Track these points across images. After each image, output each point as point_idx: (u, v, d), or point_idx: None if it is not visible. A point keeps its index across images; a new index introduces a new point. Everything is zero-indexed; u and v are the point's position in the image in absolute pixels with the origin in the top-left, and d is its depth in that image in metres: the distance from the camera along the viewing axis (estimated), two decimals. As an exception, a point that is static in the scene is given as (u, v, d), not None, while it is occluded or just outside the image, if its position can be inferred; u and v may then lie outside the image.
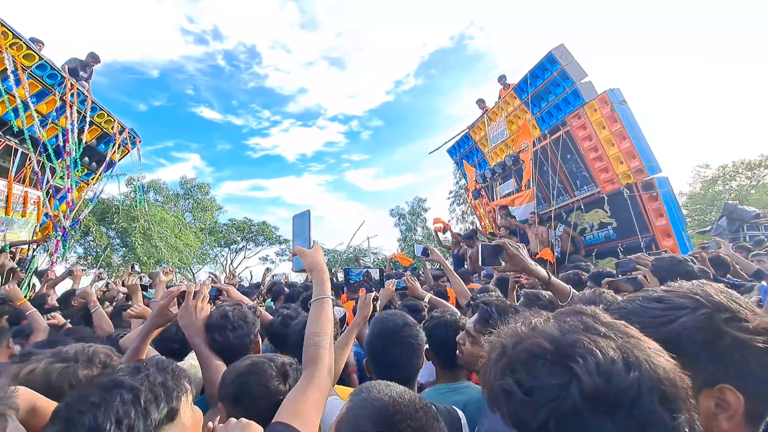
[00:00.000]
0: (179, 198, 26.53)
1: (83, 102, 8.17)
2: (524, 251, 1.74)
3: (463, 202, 28.23)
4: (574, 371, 0.51)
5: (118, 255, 18.21)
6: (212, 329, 1.72)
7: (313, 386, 1.16)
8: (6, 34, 6.32)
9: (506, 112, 9.27)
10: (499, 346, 0.62)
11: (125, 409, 0.76)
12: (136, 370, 0.85)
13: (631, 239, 6.96)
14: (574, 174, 8.11)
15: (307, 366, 1.23)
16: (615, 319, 0.67)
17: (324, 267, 1.45)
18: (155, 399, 0.80)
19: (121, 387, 0.79)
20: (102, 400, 0.76)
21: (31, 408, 1.01)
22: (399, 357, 1.59)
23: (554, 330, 0.58)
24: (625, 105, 6.98)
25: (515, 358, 0.57)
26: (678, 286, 0.85)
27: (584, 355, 0.52)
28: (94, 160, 9.35)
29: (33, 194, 7.92)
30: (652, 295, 0.85)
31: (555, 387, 0.52)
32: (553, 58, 7.62)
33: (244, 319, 1.77)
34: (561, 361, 0.53)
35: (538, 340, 0.57)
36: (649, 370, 0.51)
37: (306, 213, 1.55)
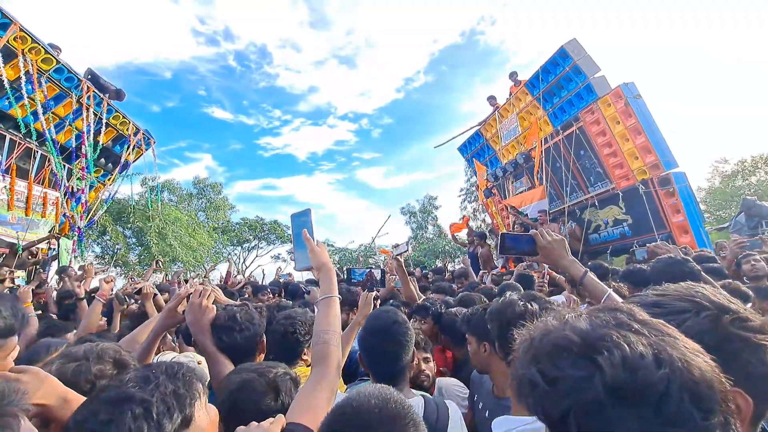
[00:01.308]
0: (192, 197, 26.92)
1: (99, 104, 8.33)
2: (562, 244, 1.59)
3: (475, 200, 28.02)
4: (598, 363, 0.51)
5: (134, 254, 18.58)
6: (219, 330, 1.73)
7: (323, 384, 1.17)
8: (25, 39, 6.47)
9: (518, 108, 9.17)
10: (528, 338, 0.62)
11: (138, 425, 0.74)
12: (145, 380, 0.83)
13: (647, 236, 6.83)
14: (587, 170, 7.99)
15: (316, 364, 1.23)
16: None
17: (331, 266, 1.45)
18: (168, 410, 0.79)
19: (131, 401, 0.77)
20: (112, 416, 0.74)
21: (63, 399, 1.05)
22: (390, 352, 1.65)
23: (584, 324, 0.57)
24: (639, 99, 6.85)
25: (541, 350, 0.57)
26: (672, 289, 0.83)
27: (611, 348, 0.52)
28: (110, 162, 9.54)
29: (52, 195, 8.11)
30: (648, 300, 0.83)
31: (578, 378, 0.51)
32: (565, 53, 7.51)
33: (251, 321, 1.78)
34: (586, 354, 0.53)
35: (566, 333, 0.57)
36: (681, 369, 0.50)
37: (306, 212, 1.53)
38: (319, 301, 1.39)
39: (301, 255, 1.48)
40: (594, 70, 7.37)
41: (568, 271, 1.60)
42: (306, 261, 1.45)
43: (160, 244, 17.39)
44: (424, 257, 24.58)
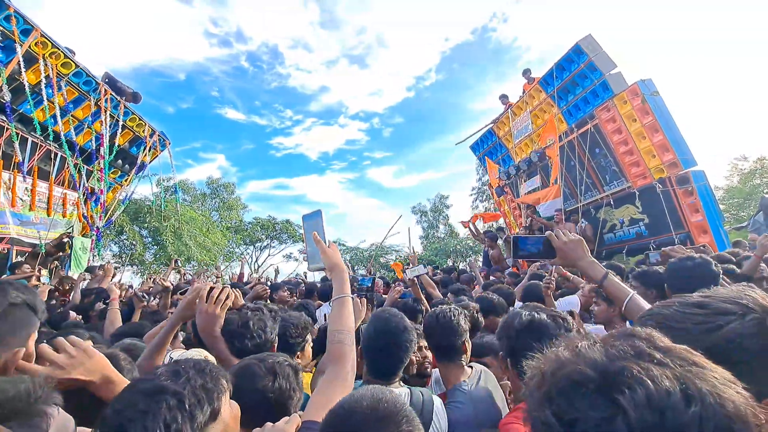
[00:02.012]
0: (206, 197, 27.31)
1: (116, 107, 8.50)
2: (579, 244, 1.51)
3: (486, 199, 27.84)
4: (620, 404, 0.45)
5: (149, 253, 18.94)
6: (232, 336, 1.74)
7: (339, 382, 1.19)
8: (45, 44, 6.63)
9: (531, 106, 9.07)
10: (539, 372, 0.57)
11: (172, 415, 0.78)
12: (176, 374, 0.87)
13: (664, 236, 6.70)
14: (602, 169, 7.87)
15: (331, 363, 1.26)
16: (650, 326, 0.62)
17: (343, 266, 1.46)
18: (198, 402, 0.82)
19: (166, 392, 0.81)
20: (149, 407, 0.78)
21: (107, 379, 1.12)
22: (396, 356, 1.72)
23: (600, 355, 0.52)
24: (657, 96, 6.71)
25: (554, 386, 0.52)
26: (720, 291, 0.80)
27: (632, 385, 0.46)
28: (127, 163, 9.73)
29: (71, 196, 8.30)
30: (690, 301, 0.80)
31: (598, 421, 0.46)
32: (580, 50, 7.40)
33: (263, 329, 1.79)
34: (605, 392, 0.47)
35: (581, 367, 0.51)
36: (713, 405, 0.44)
37: (317, 213, 1.54)
38: (333, 301, 1.41)
39: (314, 255, 1.49)
40: (610, 67, 7.25)
41: (587, 272, 1.50)
42: (318, 261, 1.46)
43: (175, 243, 17.70)
44: (435, 256, 24.51)
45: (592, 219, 8.11)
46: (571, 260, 1.51)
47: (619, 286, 1.43)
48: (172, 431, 0.77)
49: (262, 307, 1.97)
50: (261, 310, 1.90)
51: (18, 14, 6.02)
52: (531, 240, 1.64)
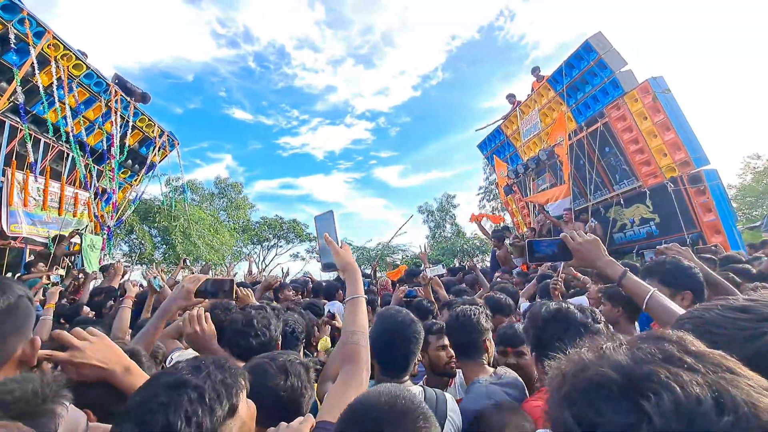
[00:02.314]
0: (214, 197, 27.51)
1: (126, 107, 8.60)
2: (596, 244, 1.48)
3: (494, 198, 27.69)
4: (645, 410, 0.43)
5: (159, 252, 19.14)
6: (236, 335, 1.77)
7: (354, 383, 1.19)
8: (57, 46, 6.73)
9: (540, 104, 9.00)
10: (560, 373, 0.55)
11: (193, 408, 0.79)
12: (197, 369, 0.88)
13: (675, 235, 6.60)
14: (612, 167, 7.79)
15: (346, 363, 1.26)
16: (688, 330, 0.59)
17: (356, 266, 1.47)
18: (218, 396, 0.84)
19: (187, 386, 0.82)
20: (171, 399, 0.79)
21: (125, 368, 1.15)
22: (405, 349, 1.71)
23: (625, 358, 0.50)
24: (668, 94, 6.62)
25: (576, 388, 0.50)
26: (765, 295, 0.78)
27: (659, 390, 0.44)
28: (137, 163, 9.84)
29: (83, 195, 8.41)
30: (734, 304, 0.76)
31: (621, 426, 0.44)
32: (589, 47, 7.32)
33: (267, 327, 1.82)
34: (630, 396, 0.45)
35: (604, 370, 0.49)
36: (748, 414, 0.41)
37: (329, 213, 1.55)
38: (346, 302, 1.41)
39: (326, 255, 1.50)
40: (620, 65, 7.17)
41: (605, 272, 1.46)
42: (331, 262, 1.47)
43: (184, 243, 17.89)
44: (443, 256, 24.45)
45: (602, 218, 8.03)
46: (588, 261, 1.48)
47: (639, 284, 1.39)
48: (193, 424, 0.78)
49: (266, 305, 1.99)
50: (265, 308, 1.93)
51: (31, 17, 6.11)
52: (545, 243, 1.62)
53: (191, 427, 0.77)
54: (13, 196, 6.80)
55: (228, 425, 0.85)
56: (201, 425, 0.79)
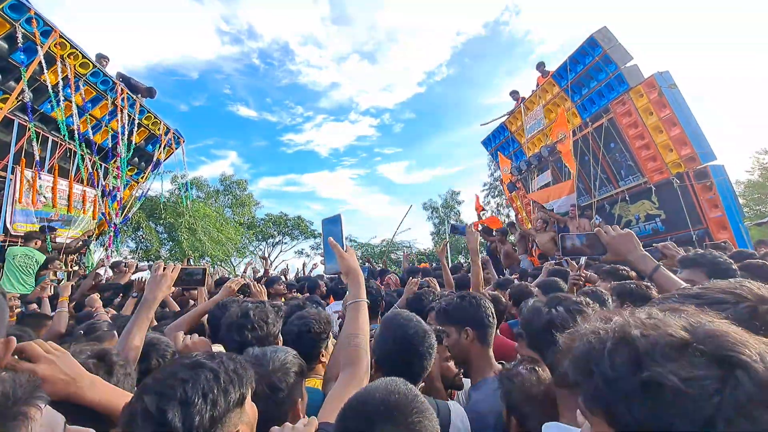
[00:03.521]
0: (219, 194, 27.63)
1: (132, 105, 8.65)
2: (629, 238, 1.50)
3: (498, 195, 27.61)
4: (737, 360, 0.46)
5: (165, 249, 19.29)
6: (230, 328, 1.73)
7: (354, 385, 1.21)
8: (64, 45, 6.78)
9: (544, 100, 8.95)
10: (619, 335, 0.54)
11: (210, 386, 0.85)
12: (211, 356, 0.93)
13: (681, 232, 6.57)
14: (617, 163, 7.74)
15: (347, 365, 1.28)
16: None
17: (359, 271, 1.48)
18: (231, 381, 0.88)
19: (204, 367, 0.88)
20: (190, 376, 0.85)
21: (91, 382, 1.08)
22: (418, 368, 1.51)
23: (684, 322, 0.53)
24: (675, 89, 6.57)
25: (650, 349, 0.50)
26: (719, 283, 0.84)
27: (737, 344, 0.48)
28: (143, 160, 9.90)
29: (90, 193, 8.50)
30: (689, 292, 0.84)
31: (716, 379, 0.46)
32: (594, 42, 7.27)
33: (265, 320, 1.76)
34: (716, 351, 0.48)
35: (674, 330, 0.52)
36: None
37: (337, 217, 1.57)
38: (348, 305, 1.43)
39: (331, 260, 1.52)
40: (626, 59, 7.11)
41: (637, 266, 1.50)
42: (335, 265, 1.49)
43: (190, 239, 18.02)
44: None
45: (607, 215, 8.00)
46: (621, 254, 1.52)
47: (672, 279, 1.42)
48: (208, 401, 0.82)
49: (265, 301, 1.99)
50: (264, 303, 1.90)
51: (38, 16, 6.16)
52: (576, 236, 1.66)
53: (207, 404, 0.82)
54: (22, 194, 6.88)
55: (236, 413, 0.88)
56: (215, 403, 0.83)
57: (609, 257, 1.57)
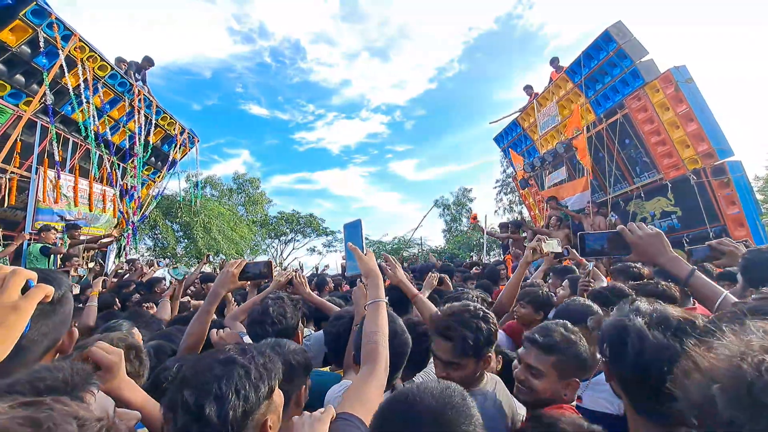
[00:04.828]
0: (232, 192, 27.99)
1: (149, 106, 8.85)
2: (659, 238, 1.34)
3: (511, 192, 27.38)
4: None
5: (180, 246, 19.67)
6: (253, 324, 1.90)
7: (374, 379, 1.27)
8: (83, 48, 6.97)
9: (558, 96, 8.86)
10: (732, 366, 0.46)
11: (242, 383, 0.91)
12: (243, 352, 0.99)
13: (698, 229, 6.47)
14: (633, 160, 7.64)
15: (367, 362, 1.33)
16: None
17: (378, 273, 1.55)
18: (260, 377, 0.94)
19: (237, 364, 0.94)
20: (224, 373, 0.91)
21: None
22: None
23: None
24: (692, 83, 6.45)
25: None
26: None
27: None
28: (159, 160, 10.13)
29: (110, 192, 8.73)
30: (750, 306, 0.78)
31: None
32: (609, 37, 7.17)
33: (284, 315, 1.91)
34: None
35: None
36: None
37: (357, 222, 1.64)
38: (368, 305, 1.49)
39: (352, 262, 1.59)
40: (641, 54, 6.99)
41: (670, 270, 1.32)
42: (355, 268, 1.56)
43: (205, 237, 18.35)
44: (458, 250, 24.36)
45: (622, 212, 7.90)
46: (649, 256, 1.36)
47: (709, 285, 1.25)
48: (241, 396, 0.89)
49: (284, 296, 2.10)
50: (282, 298, 2.03)
51: (59, 21, 6.34)
52: (596, 236, 1.54)
53: (239, 399, 0.89)
54: (45, 193, 7.11)
55: (266, 405, 0.95)
56: (247, 398, 0.90)
57: (633, 258, 1.41)
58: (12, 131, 6.50)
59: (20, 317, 0.75)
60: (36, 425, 0.40)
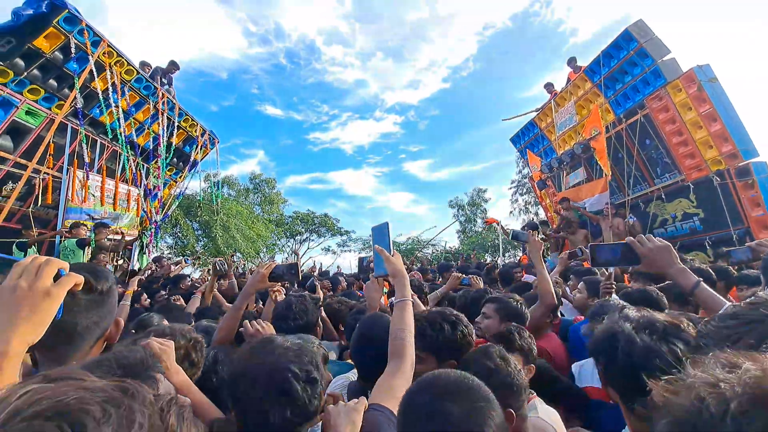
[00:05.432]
0: (249, 192, 28.47)
1: (172, 109, 9.12)
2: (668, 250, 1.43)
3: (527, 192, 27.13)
4: None
5: (200, 245, 20.13)
6: (278, 319, 2.04)
7: (401, 374, 1.35)
8: (111, 53, 7.23)
9: (576, 96, 8.79)
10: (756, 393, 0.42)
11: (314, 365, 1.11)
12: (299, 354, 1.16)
13: (721, 231, 6.35)
14: (653, 161, 7.53)
15: (394, 357, 1.41)
16: None
17: (405, 273, 1.63)
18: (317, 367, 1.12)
19: (307, 348, 1.13)
20: (296, 357, 1.09)
21: None
22: None
23: None
24: (715, 83, 6.33)
25: None
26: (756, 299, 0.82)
27: None
28: (181, 161, 10.42)
29: (134, 192, 9.03)
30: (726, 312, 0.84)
31: None
32: (629, 36, 7.09)
33: (305, 311, 2.06)
34: None
35: None
36: None
37: (384, 225, 1.70)
38: (396, 303, 1.56)
39: (379, 263, 1.66)
40: (663, 53, 6.90)
41: (677, 280, 1.42)
42: (383, 269, 1.63)
43: (224, 236, 18.78)
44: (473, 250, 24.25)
45: (641, 213, 7.79)
46: (659, 267, 1.45)
47: (713, 296, 1.34)
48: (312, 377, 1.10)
49: (305, 294, 2.23)
50: (304, 296, 2.18)
51: (89, 27, 6.60)
52: (608, 247, 1.61)
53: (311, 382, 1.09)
54: (74, 193, 7.40)
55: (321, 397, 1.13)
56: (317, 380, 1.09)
57: (643, 268, 1.51)
58: (45, 133, 6.80)
59: (52, 303, 0.79)
60: (123, 390, 0.47)
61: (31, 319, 0.75)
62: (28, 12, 5.81)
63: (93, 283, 1.00)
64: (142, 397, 0.48)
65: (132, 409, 0.45)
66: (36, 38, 6.05)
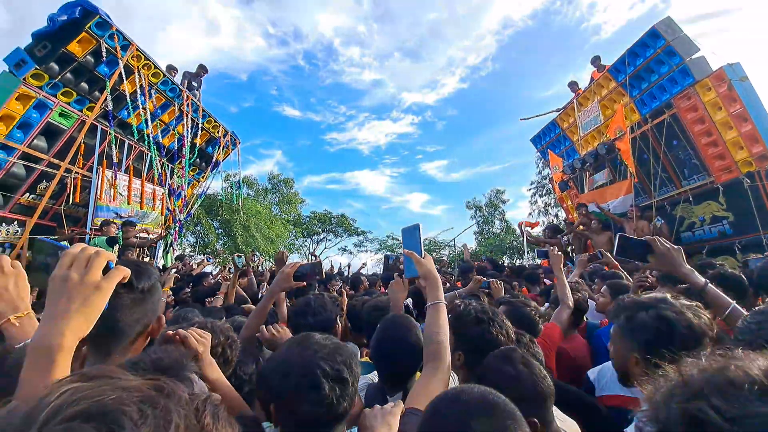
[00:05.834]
0: (267, 192, 28.85)
1: (196, 111, 9.34)
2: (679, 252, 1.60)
3: (547, 194, 26.65)
4: None
5: (220, 243, 20.54)
6: (297, 315, 2.07)
7: (438, 377, 1.33)
8: (139, 57, 7.46)
9: (600, 95, 8.60)
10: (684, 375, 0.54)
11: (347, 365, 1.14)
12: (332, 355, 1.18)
13: (751, 235, 6.12)
14: (680, 162, 7.31)
15: (430, 360, 1.39)
16: None
17: (437, 275, 1.59)
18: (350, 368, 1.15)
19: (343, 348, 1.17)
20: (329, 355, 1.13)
21: None
22: None
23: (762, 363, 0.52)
24: (746, 82, 6.11)
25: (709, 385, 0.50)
26: None
27: None
28: (204, 161, 10.65)
29: (159, 191, 9.28)
30: None
31: None
32: (656, 34, 6.90)
33: (324, 307, 2.08)
34: None
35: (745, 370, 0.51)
36: None
37: (416, 226, 1.68)
38: (428, 307, 1.54)
39: (410, 265, 1.64)
40: (691, 51, 6.68)
41: (688, 280, 1.59)
42: (414, 271, 1.61)
43: (244, 235, 19.12)
44: (491, 252, 23.98)
45: (668, 216, 7.57)
46: (672, 266, 1.60)
47: (720, 295, 1.49)
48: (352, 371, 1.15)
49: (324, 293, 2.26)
50: (323, 294, 2.23)
51: (119, 32, 6.82)
52: (634, 241, 1.72)
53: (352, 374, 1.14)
54: (102, 192, 7.67)
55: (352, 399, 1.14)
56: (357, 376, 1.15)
57: (652, 266, 1.67)
58: (77, 135, 7.07)
59: (102, 296, 0.78)
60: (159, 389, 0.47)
61: (83, 312, 0.75)
62: (63, 18, 6.05)
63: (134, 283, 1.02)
64: (178, 397, 0.48)
65: (168, 409, 0.45)
66: (69, 43, 6.29)
